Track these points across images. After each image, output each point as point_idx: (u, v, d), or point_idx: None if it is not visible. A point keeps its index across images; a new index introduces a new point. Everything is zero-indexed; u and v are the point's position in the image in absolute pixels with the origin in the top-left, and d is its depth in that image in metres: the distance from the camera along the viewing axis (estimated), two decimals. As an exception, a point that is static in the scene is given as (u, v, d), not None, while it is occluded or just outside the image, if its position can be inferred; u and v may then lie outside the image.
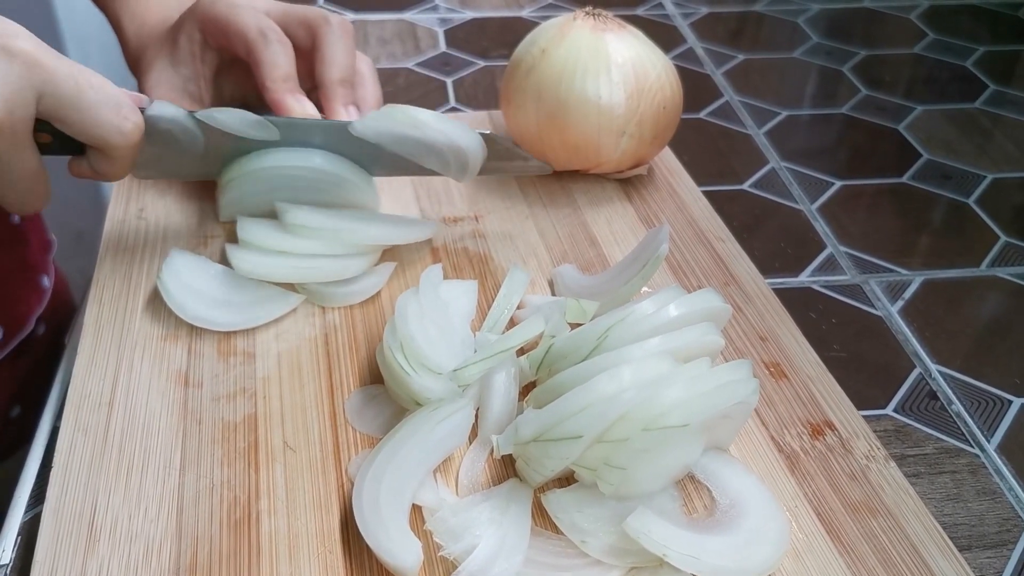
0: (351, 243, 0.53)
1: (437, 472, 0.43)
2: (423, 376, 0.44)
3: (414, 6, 0.97)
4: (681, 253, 0.59)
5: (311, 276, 0.52)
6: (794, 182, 0.72)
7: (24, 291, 0.64)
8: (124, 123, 0.47)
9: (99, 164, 0.49)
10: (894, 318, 0.59)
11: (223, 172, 0.55)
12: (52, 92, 0.44)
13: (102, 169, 0.49)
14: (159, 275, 0.51)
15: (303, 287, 0.52)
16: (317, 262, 0.52)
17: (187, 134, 0.52)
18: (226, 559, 0.39)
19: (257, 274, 0.51)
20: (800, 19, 1.00)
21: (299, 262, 0.52)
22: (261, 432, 0.45)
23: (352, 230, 0.53)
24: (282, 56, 0.55)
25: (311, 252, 0.52)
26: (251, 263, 0.51)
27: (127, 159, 0.49)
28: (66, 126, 0.46)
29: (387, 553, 0.38)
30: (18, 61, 0.42)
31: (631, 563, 0.39)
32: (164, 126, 0.51)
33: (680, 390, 0.40)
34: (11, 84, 0.42)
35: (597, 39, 0.60)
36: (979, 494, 0.48)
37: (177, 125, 0.51)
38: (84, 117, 0.45)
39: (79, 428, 0.44)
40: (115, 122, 0.46)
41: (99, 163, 0.48)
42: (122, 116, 0.46)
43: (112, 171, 0.49)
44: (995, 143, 0.80)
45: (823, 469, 0.45)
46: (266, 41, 0.54)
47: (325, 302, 0.53)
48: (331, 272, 0.52)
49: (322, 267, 0.52)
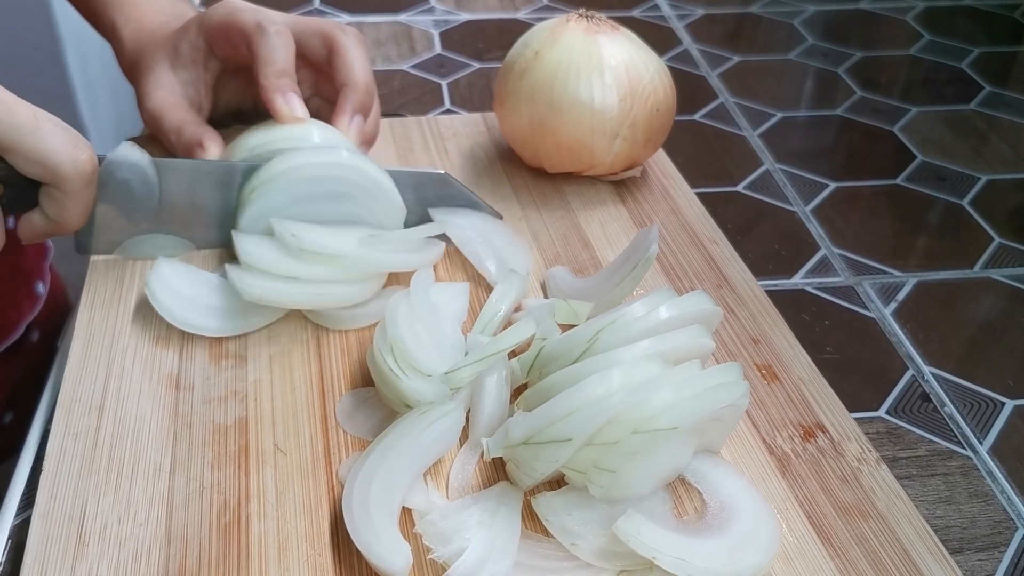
0: (364, 269, 0.51)
1: (427, 475, 0.43)
2: (412, 378, 0.44)
3: (409, 8, 0.97)
4: (674, 255, 0.59)
5: (322, 302, 0.50)
6: (788, 184, 0.72)
7: (16, 297, 0.64)
8: (79, 154, 0.46)
9: (52, 208, 0.48)
10: (887, 320, 0.59)
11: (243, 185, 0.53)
12: (8, 121, 0.43)
13: (55, 213, 0.48)
14: (146, 283, 0.50)
15: (311, 312, 0.51)
16: (327, 288, 0.50)
17: (145, 185, 0.51)
18: (215, 562, 0.39)
19: (266, 300, 0.49)
20: (796, 21, 1.00)
21: (309, 288, 0.49)
22: (252, 435, 0.45)
23: (366, 258, 0.51)
24: (280, 50, 0.54)
25: (321, 278, 0.50)
26: (259, 288, 0.49)
27: (81, 198, 0.48)
28: (19, 156, 0.45)
29: (377, 557, 0.38)
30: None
31: (621, 566, 0.39)
32: (123, 175, 0.50)
33: (670, 393, 0.40)
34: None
35: (590, 41, 0.60)
36: (971, 496, 0.48)
37: (136, 172, 0.50)
38: (39, 145, 0.45)
39: (69, 432, 0.44)
40: (70, 152, 0.46)
41: (52, 206, 0.48)
42: (78, 147, 0.46)
43: (66, 214, 0.48)
44: (990, 145, 0.79)
45: (814, 472, 0.45)
46: (264, 34, 0.54)
47: (332, 325, 0.51)
48: (342, 298, 0.50)
49: (333, 293, 0.50)
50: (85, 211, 0.49)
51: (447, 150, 0.67)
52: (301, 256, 0.50)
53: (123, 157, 0.49)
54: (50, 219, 0.48)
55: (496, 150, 0.68)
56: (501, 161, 0.67)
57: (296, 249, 0.50)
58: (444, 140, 0.69)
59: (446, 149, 0.68)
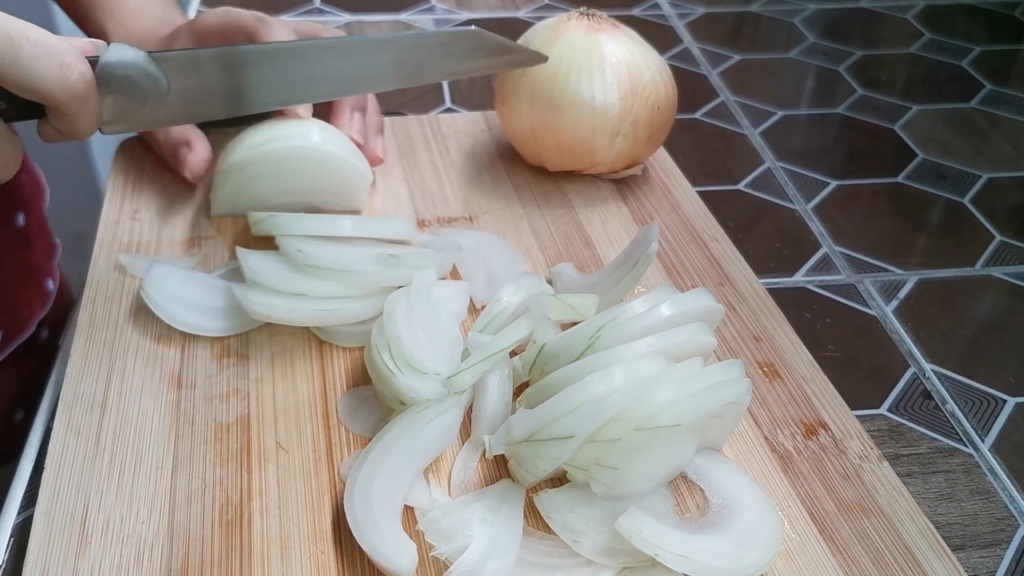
0: (371, 285, 0.50)
1: (429, 473, 0.43)
2: (408, 376, 0.44)
3: (410, 7, 0.97)
4: (676, 253, 0.59)
5: (331, 319, 0.49)
6: (789, 182, 0.72)
7: (27, 294, 0.64)
8: (68, 74, 0.43)
9: (57, 122, 0.46)
10: (888, 318, 0.59)
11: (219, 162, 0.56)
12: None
13: (62, 128, 0.46)
14: (143, 288, 0.50)
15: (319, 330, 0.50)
16: (336, 304, 0.49)
17: (148, 78, 0.48)
18: (218, 560, 0.39)
19: (273, 318, 0.48)
20: (796, 19, 1.00)
21: (317, 304, 0.48)
22: (254, 433, 0.45)
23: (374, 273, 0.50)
24: (284, 37, 0.55)
25: (329, 294, 0.49)
26: (266, 306, 0.48)
27: (83, 113, 0.46)
28: (6, 83, 0.42)
29: (382, 556, 0.38)
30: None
31: (623, 563, 0.39)
32: (122, 72, 0.47)
33: (672, 390, 0.40)
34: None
35: (591, 39, 0.60)
36: (973, 494, 0.48)
37: (137, 70, 0.48)
38: (23, 72, 0.42)
39: (71, 430, 0.44)
40: (57, 74, 0.43)
41: (57, 121, 0.46)
42: (65, 67, 0.43)
43: (73, 128, 0.46)
44: (991, 143, 0.79)
45: (816, 469, 0.45)
46: (266, 25, 0.55)
47: (340, 342, 0.50)
48: (351, 314, 0.49)
49: (342, 309, 0.49)
50: (91, 119, 0.47)
51: (448, 148, 0.67)
52: (308, 272, 0.49)
53: (117, 58, 0.47)
54: (59, 130, 0.47)
55: (497, 148, 0.68)
56: (502, 159, 0.67)
57: (303, 265, 0.49)
58: (445, 139, 0.69)
59: (447, 148, 0.68)
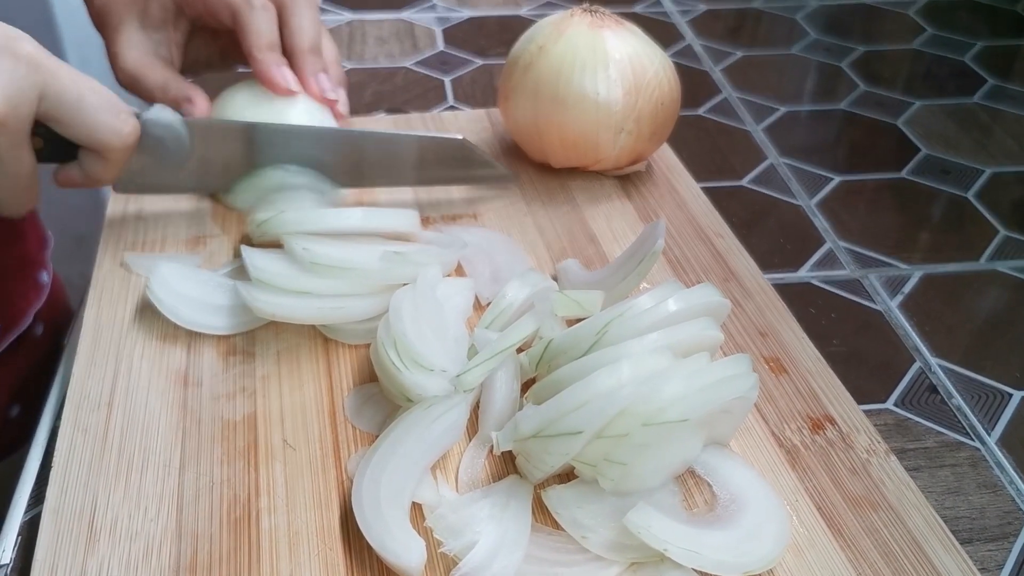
0: (377, 282, 0.50)
1: (437, 469, 0.43)
2: (415, 373, 0.44)
3: (412, 5, 0.97)
4: (680, 249, 0.59)
5: (338, 317, 0.49)
6: (793, 178, 0.72)
7: (23, 287, 0.65)
8: (123, 126, 0.49)
9: (93, 167, 0.50)
10: (893, 312, 0.59)
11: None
12: (54, 93, 0.45)
13: (95, 172, 0.50)
14: (148, 287, 0.50)
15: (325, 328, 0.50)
16: (341, 302, 0.49)
17: (177, 142, 0.53)
18: (226, 557, 0.39)
19: (279, 316, 0.48)
20: (798, 15, 1.00)
21: (324, 303, 0.48)
22: (261, 430, 0.45)
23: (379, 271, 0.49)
24: (267, 23, 0.57)
25: (335, 292, 0.49)
26: (272, 304, 0.48)
27: (121, 162, 0.51)
28: (65, 128, 0.47)
29: (391, 553, 0.38)
30: (23, 62, 0.44)
31: (632, 559, 0.39)
32: (158, 132, 0.52)
33: (679, 385, 0.40)
34: (16, 82, 0.43)
35: (595, 36, 0.60)
36: (980, 487, 0.48)
37: (170, 132, 0.52)
38: (85, 119, 0.47)
39: (79, 428, 0.44)
40: (114, 125, 0.48)
41: (93, 166, 0.50)
42: (121, 119, 0.48)
43: (105, 175, 0.51)
44: (994, 138, 0.79)
45: (824, 463, 0.45)
46: (251, 7, 0.56)
47: (346, 339, 0.50)
48: (357, 312, 0.49)
49: (347, 307, 0.49)
50: (121, 169, 0.51)
51: (452, 146, 0.67)
52: (314, 270, 0.49)
53: (157, 117, 0.52)
54: (87, 175, 0.51)
55: (500, 146, 0.68)
56: (505, 157, 0.67)
57: (308, 263, 0.49)
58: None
59: (450, 145, 0.67)
